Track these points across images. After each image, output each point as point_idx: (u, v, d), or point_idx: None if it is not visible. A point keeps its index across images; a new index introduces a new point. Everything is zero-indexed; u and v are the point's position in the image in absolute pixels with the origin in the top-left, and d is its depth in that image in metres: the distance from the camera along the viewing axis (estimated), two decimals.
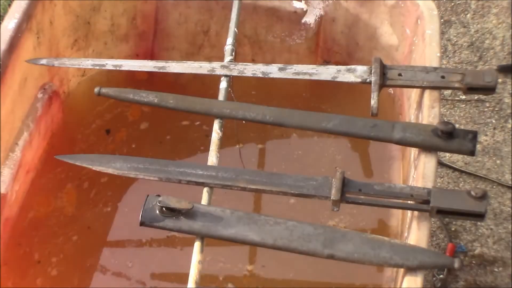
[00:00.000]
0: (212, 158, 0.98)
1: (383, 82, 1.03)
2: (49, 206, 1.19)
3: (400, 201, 0.91)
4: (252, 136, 1.29)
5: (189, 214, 0.87)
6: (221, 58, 1.14)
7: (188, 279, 0.84)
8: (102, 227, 1.19)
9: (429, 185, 0.91)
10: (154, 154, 1.25)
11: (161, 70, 1.11)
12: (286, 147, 1.29)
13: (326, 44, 1.34)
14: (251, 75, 1.09)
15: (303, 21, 1.30)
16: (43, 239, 1.16)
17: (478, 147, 1.60)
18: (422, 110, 1.01)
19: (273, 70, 1.09)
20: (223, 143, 1.01)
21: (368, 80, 1.04)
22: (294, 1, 1.29)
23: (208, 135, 1.03)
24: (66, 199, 1.21)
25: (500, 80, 1.74)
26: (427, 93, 1.02)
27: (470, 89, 1.01)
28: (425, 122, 0.99)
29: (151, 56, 1.37)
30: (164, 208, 0.86)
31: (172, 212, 0.86)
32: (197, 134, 0.99)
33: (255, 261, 1.14)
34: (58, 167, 1.13)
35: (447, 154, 1.59)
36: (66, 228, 1.18)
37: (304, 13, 1.29)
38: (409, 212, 0.97)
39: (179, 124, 1.26)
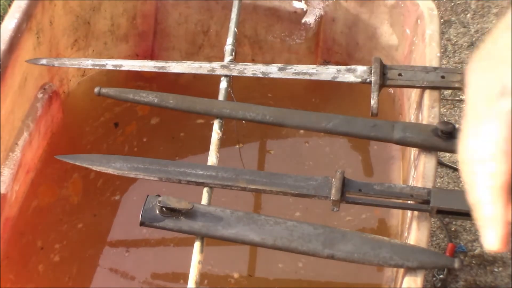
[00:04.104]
0: (212, 158, 0.98)
1: (383, 82, 1.03)
2: (53, 196, 1.20)
3: (400, 201, 0.91)
4: (252, 136, 1.29)
5: (189, 214, 0.87)
6: (221, 58, 1.14)
7: (188, 279, 0.84)
8: (109, 215, 1.19)
9: (429, 185, 0.91)
10: (166, 149, 1.26)
11: (161, 70, 1.11)
12: (286, 146, 1.29)
13: (326, 44, 1.34)
14: (251, 75, 1.09)
15: (303, 21, 1.30)
16: (47, 227, 1.16)
17: None
18: (422, 110, 1.01)
19: (273, 70, 1.09)
20: (223, 143, 1.01)
21: (368, 80, 1.04)
22: (294, 1, 1.29)
23: (225, 133, 1.04)
24: (72, 188, 1.21)
25: None
26: (427, 93, 1.02)
27: None
28: (425, 122, 0.99)
29: (151, 56, 1.37)
30: (164, 208, 0.86)
31: (172, 212, 0.86)
32: (212, 133, 1.00)
33: (244, 269, 1.14)
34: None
35: (447, 154, 1.59)
36: (71, 216, 1.18)
37: (304, 13, 1.29)
38: (409, 212, 0.97)
39: (193, 122, 1.27)
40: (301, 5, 1.29)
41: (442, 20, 1.89)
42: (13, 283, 1.09)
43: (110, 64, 1.12)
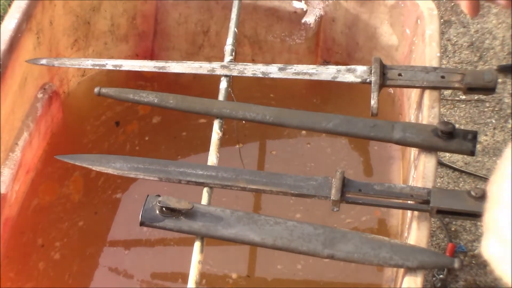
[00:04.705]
0: (212, 158, 0.98)
1: (383, 82, 1.03)
2: (54, 194, 1.20)
3: (400, 201, 0.91)
4: (253, 136, 1.29)
5: (189, 214, 0.87)
6: (221, 58, 1.14)
7: (186, 279, 0.84)
8: (109, 213, 1.19)
9: (429, 185, 0.91)
10: (168, 149, 1.26)
11: (161, 70, 1.11)
12: (287, 147, 1.29)
13: (326, 44, 1.34)
14: (251, 75, 1.09)
15: (303, 21, 1.30)
16: (48, 225, 1.16)
17: (478, 147, 1.60)
18: (422, 110, 1.01)
19: (273, 70, 1.09)
20: (223, 143, 1.01)
21: (368, 80, 1.04)
22: (294, 1, 1.29)
23: (225, 133, 1.03)
24: (73, 186, 1.21)
25: (500, 80, 1.74)
26: (427, 93, 1.02)
27: (470, 89, 1.01)
28: (425, 122, 0.99)
29: (151, 56, 1.37)
30: (164, 208, 0.86)
31: (172, 212, 0.86)
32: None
33: (242, 270, 1.14)
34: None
35: (447, 154, 1.59)
36: (72, 214, 1.18)
37: (304, 13, 1.29)
38: (409, 212, 0.97)
39: (195, 121, 1.27)
40: (301, 5, 1.29)
41: (442, 20, 1.89)
42: (13, 281, 1.09)
43: (110, 64, 1.12)
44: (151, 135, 1.28)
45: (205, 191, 0.93)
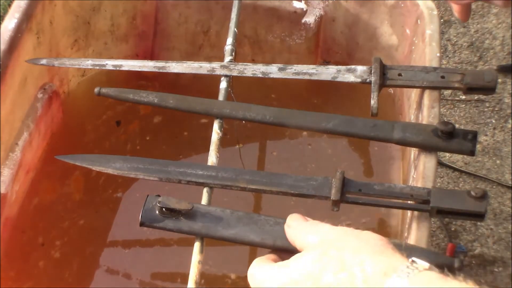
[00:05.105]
0: (212, 158, 0.98)
1: (383, 82, 1.03)
2: (55, 193, 1.20)
3: (400, 201, 0.91)
4: (253, 136, 1.29)
5: (189, 214, 0.87)
6: (221, 58, 1.14)
7: (186, 279, 0.84)
8: (110, 212, 1.19)
9: (429, 185, 0.91)
10: (169, 148, 1.26)
11: (161, 70, 1.11)
12: (288, 148, 1.29)
13: (326, 44, 1.34)
14: (251, 75, 1.09)
15: (303, 21, 1.30)
16: (48, 223, 1.16)
17: (478, 147, 1.60)
18: (422, 110, 1.01)
19: (273, 70, 1.09)
20: (223, 143, 1.01)
21: (368, 80, 1.04)
22: (294, 1, 1.29)
23: (227, 133, 1.03)
24: (74, 185, 1.21)
25: (500, 80, 1.74)
26: (427, 93, 1.02)
27: (470, 89, 1.01)
28: (425, 122, 0.99)
29: (151, 56, 1.37)
30: (164, 209, 0.86)
31: (172, 212, 0.86)
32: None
33: (242, 270, 1.13)
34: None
35: (447, 154, 1.59)
36: (73, 213, 1.18)
37: (304, 13, 1.29)
38: (409, 212, 0.97)
39: (197, 121, 1.27)
40: (301, 5, 1.29)
41: (442, 20, 1.89)
42: (14, 280, 1.09)
43: (110, 64, 1.12)
44: (152, 134, 1.28)
45: (205, 191, 0.93)
